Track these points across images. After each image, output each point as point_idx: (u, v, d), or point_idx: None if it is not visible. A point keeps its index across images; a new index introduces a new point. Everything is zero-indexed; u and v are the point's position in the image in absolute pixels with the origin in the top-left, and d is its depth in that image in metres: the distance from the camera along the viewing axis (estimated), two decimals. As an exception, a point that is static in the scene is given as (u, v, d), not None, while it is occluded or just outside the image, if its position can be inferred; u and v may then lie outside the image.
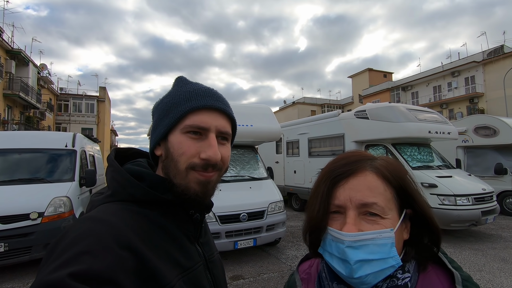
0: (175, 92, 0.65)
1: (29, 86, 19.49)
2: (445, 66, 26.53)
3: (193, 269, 0.61)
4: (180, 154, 0.59)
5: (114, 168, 0.62)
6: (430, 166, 6.51)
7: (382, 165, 0.59)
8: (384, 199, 0.56)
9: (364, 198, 0.55)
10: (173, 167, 0.60)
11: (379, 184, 0.57)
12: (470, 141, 9.10)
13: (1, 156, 4.86)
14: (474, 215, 5.46)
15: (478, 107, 23.37)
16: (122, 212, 0.55)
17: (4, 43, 17.70)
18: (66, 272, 0.39)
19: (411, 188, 0.60)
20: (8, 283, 3.92)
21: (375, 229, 0.54)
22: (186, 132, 0.60)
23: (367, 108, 7.23)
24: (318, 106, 38.77)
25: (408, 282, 0.56)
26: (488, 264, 4.46)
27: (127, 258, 0.46)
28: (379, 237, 0.54)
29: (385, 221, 0.55)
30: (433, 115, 7.18)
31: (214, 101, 0.63)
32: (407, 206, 0.60)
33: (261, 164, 5.88)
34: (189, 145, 0.59)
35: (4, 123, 17.34)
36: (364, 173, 0.58)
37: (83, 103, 27.71)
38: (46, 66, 24.09)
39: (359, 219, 0.56)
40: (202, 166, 0.59)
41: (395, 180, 0.58)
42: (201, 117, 0.61)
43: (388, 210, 0.56)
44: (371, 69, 36.44)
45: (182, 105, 0.61)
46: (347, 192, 0.57)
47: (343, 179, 0.58)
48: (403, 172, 0.61)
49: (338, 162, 0.62)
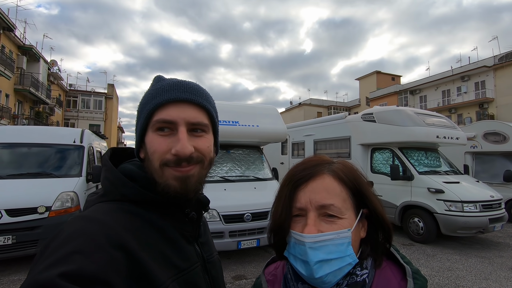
0: (146, 92, 0.63)
1: (39, 82, 19.82)
2: (455, 70, 26.16)
3: (189, 270, 0.59)
4: (153, 153, 0.58)
5: (107, 168, 0.62)
6: (437, 172, 6.43)
7: (338, 168, 0.63)
8: (341, 200, 0.59)
9: (322, 200, 0.58)
10: (150, 166, 0.59)
11: (335, 186, 0.60)
12: (479, 147, 8.95)
13: (11, 150, 4.95)
14: (482, 222, 5.37)
15: (488, 113, 22.97)
16: (115, 212, 0.54)
17: (16, 39, 18.04)
18: (56, 272, 0.38)
19: (365, 188, 0.63)
20: (15, 275, 3.99)
21: (333, 229, 0.57)
22: (156, 129, 0.59)
23: (374, 111, 7.17)
24: (324, 108, 38.57)
25: (366, 278, 0.59)
26: (494, 273, 4.38)
27: (119, 258, 0.46)
28: (337, 237, 0.56)
29: (342, 221, 0.58)
30: (442, 119, 7.08)
31: (181, 93, 0.60)
32: (364, 206, 0.63)
33: (266, 164, 5.87)
34: (160, 142, 0.58)
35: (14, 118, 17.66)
36: (322, 176, 0.61)
37: (91, 100, 28.06)
38: (56, 62, 24.47)
39: (318, 220, 0.58)
40: (175, 162, 0.57)
41: (350, 182, 0.61)
42: (167, 112, 0.59)
43: (345, 210, 0.59)
44: (379, 72, 36.14)
45: (149, 103, 0.60)
46: (307, 195, 0.59)
47: (304, 183, 0.61)
48: (358, 174, 0.64)
49: (299, 167, 0.65)
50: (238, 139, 5.48)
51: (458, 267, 4.58)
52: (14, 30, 17.10)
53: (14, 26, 16.86)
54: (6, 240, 3.79)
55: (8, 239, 3.81)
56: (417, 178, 6.06)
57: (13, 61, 17.13)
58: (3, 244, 3.79)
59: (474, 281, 4.06)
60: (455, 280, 4.09)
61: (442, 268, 4.54)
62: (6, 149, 4.95)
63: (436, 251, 5.39)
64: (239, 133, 5.30)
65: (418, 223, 5.98)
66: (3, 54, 15.68)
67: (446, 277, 4.21)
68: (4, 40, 16.80)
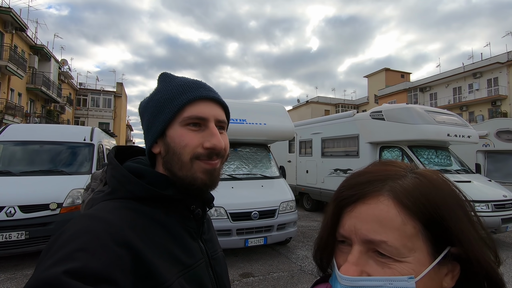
0: (166, 88, 0.64)
1: (50, 81, 20.20)
2: (467, 67, 25.57)
3: (194, 266, 0.60)
4: (183, 146, 0.59)
5: (113, 166, 0.62)
6: (448, 170, 6.31)
7: (406, 188, 0.43)
8: (401, 236, 0.41)
9: (369, 234, 0.42)
10: (177, 160, 0.60)
11: (394, 216, 0.41)
12: (491, 145, 8.76)
13: (24, 148, 5.07)
14: (494, 222, 5.26)
15: (500, 110, 22.40)
16: (120, 210, 0.54)
17: (28, 39, 18.40)
18: (61, 269, 0.39)
19: (453, 218, 0.41)
20: (28, 269, 4.09)
21: (385, 274, 0.40)
22: (186, 124, 0.60)
23: (383, 109, 7.08)
24: (332, 105, 38.23)
25: None
26: (507, 274, 4.29)
27: (124, 255, 0.46)
28: (388, 286, 0.40)
29: (401, 265, 0.40)
30: (453, 117, 6.95)
31: (207, 91, 0.64)
32: (452, 242, 0.42)
33: (273, 162, 5.86)
34: (192, 136, 0.60)
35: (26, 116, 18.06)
36: (377, 199, 0.43)
37: (100, 98, 28.47)
38: (66, 62, 24.90)
39: (366, 257, 0.42)
40: (207, 155, 0.60)
41: (423, 209, 0.41)
42: (199, 108, 0.61)
43: (407, 252, 0.40)
44: (388, 69, 35.58)
45: (177, 99, 0.61)
46: (353, 221, 0.44)
47: (350, 204, 0.46)
48: (442, 196, 0.43)
49: (349, 181, 0.49)
50: (245, 137, 5.48)
51: (469, 268, 4.50)
52: (26, 30, 17.46)
53: (26, 26, 17.20)
54: (20, 235, 3.89)
55: (22, 235, 3.91)
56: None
57: (25, 61, 17.50)
58: (16, 239, 3.88)
59: None
60: (466, 281, 4.02)
61: (452, 268, 4.47)
62: (19, 147, 5.07)
63: (446, 251, 5.30)
64: (246, 131, 5.30)
65: (427, 223, 5.90)
66: (16, 54, 16.03)
67: (457, 277, 4.14)
68: (17, 40, 17.17)
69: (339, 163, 7.97)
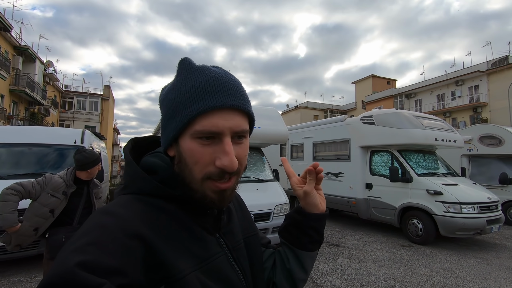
0: (180, 87, 0.56)
1: (35, 83, 19.62)
2: (449, 74, 26.58)
3: (212, 259, 0.58)
4: (194, 163, 0.55)
5: (126, 161, 0.62)
6: (436, 174, 6.52)
7: None
8: None
9: None
10: (188, 173, 0.56)
11: None
12: (475, 150, 9.10)
13: (12, 150, 4.90)
14: (479, 224, 5.46)
15: (481, 117, 23.35)
16: (133, 203, 0.55)
17: (13, 39, 17.86)
18: (73, 262, 0.40)
19: None
20: (15, 276, 3.94)
21: None
22: (197, 137, 0.54)
23: (374, 113, 7.26)
24: (321, 111, 38.81)
25: None
26: (493, 273, 4.45)
27: (135, 247, 0.47)
28: None
29: None
30: (440, 122, 7.20)
31: (226, 97, 0.54)
32: None
33: (267, 166, 5.90)
34: (202, 153, 0.54)
35: (9, 118, 17.44)
36: None
37: (87, 101, 27.83)
38: (52, 63, 24.24)
39: None
40: (218, 175, 0.55)
41: None
42: (212, 121, 0.53)
43: None
44: (374, 76, 36.51)
45: (189, 107, 0.53)
46: None
47: None
48: None
49: None
50: (240, 141, 5.48)
51: (457, 268, 4.64)
52: (10, 30, 16.94)
53: (11, 26, 16.70)
54: (7, 240, 3.75)
55: (9, 240, 3.76)
56: (416, 180, 6.14)
57: (9, 62, 16.94)
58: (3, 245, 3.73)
59: (474, 281, 4.12)
60: (456, 280, 4.14)
61: (442, 268, 4.60)
62: (7, 149, 4.89)
63: (435, 252, 5.45)
64: (241, 134, 5.31)
65: (417, 225, 6.05)
66: (-1, 54, 15.52)
67: (447, 277, 4.26)
68: (0, 40, 16.64)
69: (331, 167, 8.09)
